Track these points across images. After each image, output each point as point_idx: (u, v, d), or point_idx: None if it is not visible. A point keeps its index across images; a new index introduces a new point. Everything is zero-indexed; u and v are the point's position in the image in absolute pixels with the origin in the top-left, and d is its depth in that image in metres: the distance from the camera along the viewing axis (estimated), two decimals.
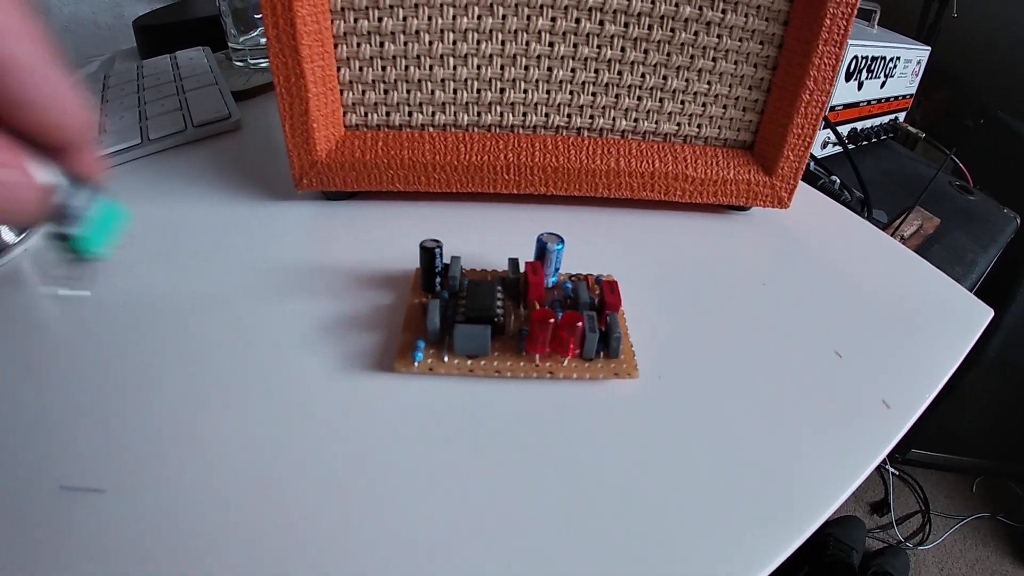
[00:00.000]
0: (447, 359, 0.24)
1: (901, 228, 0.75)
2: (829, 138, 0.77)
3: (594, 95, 0.32)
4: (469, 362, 0.24)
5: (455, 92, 0.31)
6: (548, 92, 0.31)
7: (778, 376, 0.26)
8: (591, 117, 0.32)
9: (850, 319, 0.30)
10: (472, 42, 0.30)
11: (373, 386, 0.24)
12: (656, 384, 0.25)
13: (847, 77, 0.75)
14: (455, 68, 0.30)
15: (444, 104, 0.31)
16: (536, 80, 0.31)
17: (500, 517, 0.20)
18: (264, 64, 0.52)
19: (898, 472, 1.05)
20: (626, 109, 0.32)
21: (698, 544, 0.20)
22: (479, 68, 0.30)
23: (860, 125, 0.81)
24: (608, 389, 0.24)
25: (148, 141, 0.39)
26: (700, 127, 0.33)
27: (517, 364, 0.24)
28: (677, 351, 0.26)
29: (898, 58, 0.79)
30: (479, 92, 0.31)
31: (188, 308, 0.27)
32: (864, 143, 0.83)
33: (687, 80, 0.32)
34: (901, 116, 0.87)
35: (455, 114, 0.32)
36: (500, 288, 0.26)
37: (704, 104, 0.33)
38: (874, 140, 0.84)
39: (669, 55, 0.31)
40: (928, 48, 0.82)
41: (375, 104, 0.31)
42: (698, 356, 0.26)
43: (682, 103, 0.32)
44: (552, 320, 0.23)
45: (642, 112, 0.32)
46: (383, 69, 0.30)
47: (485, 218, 0.33)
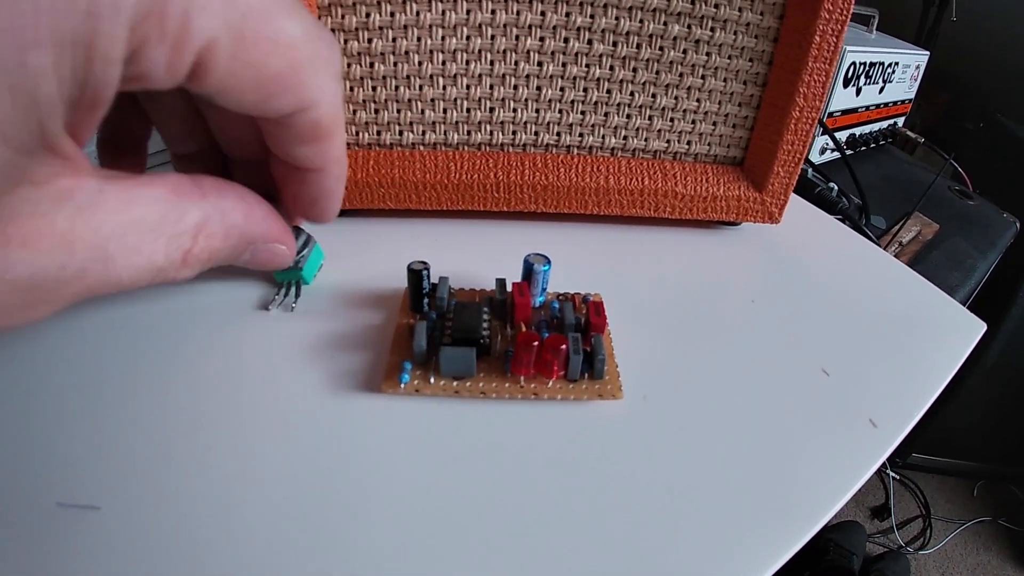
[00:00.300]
0: (433, 380, 0.24)
1: (900, 234, 0.75)
2: (827, 144, 0.77)
3: (583, 113, 0.32)
4: (455, 383, 0.24)
5: (445, 112, 0.31)
6: (537, 111, 0.32)
7: (764, 395, 0.26)
8: (580, 135, 0.33)
9: (839, 336, 0.30)
10: (461, 62, 0.30)
11: (360, 407, 0.24)
12: (641, 405, 0.25)
13: (845, 83, 0.75)
14: (445, 88, 0.31)
15: (434, 123, 0.32)
16: (525, 99, 0.31)
17: (486, 538, 0.20)
18: None
19: (899, 476, 1.05)
20: (615, 127, 0.33)
21: (683, 563, 0.20)
22: (468, 88, 0.31)
23: (859, 131, 0.81)
24: (593, 410, 0.24)
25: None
26: (690, 144, 0.34)
27: (502, 385, 0.24)
28: (663, 371, 0.27)
29: (896, 63, 0.79)
30: (469, 112, 0.31)
31: (178, 326, 0.27)
32: (863, 149, 0.83)
33: (676, 98, 0.32)
34: (900, 121, 0.87)
35: (445, 133, 0.32)
36: (487, 309, 0.26)
37: (694, 121, 0.33)
38: (873, 145, 0.84)
39: (658, 73, 0.31)
40: (927, 53, 0.82)
41: (366, 123, 0.32)
42: (684, 376, 0.27)
43: (671, 120, 0.33)
44: (536, 343, 0.23)
45: (631, 130, 0.33)
46: (373, 89, 0.31)
47: (475, 236, 0.34)
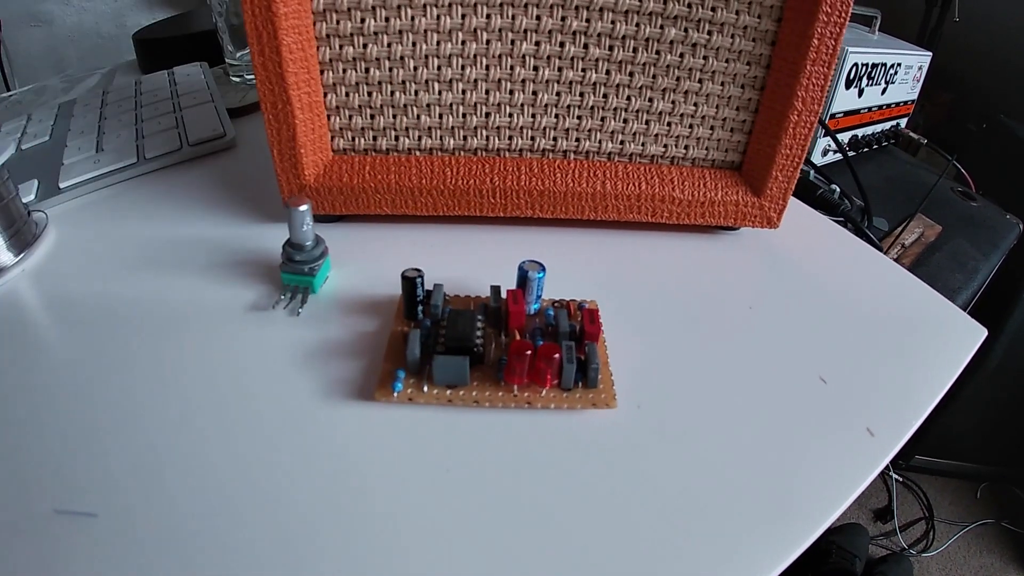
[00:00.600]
0: (427, 389, 0.24)
1: (902, 236, 0.75)
2: (829, 146, 0.77)
3: (580, 118, 0.32)
4: (448, 392, 0.24)
5: (441, 117, 0.31)
6: (534, 116, 0.31)
7: (760, 404, 0.26)
8: (577, 140, 0.33)
9: (837, 343, 0.30)
10: (457, 67, 0.30)
11: (353, 415, 0.24)
12: (635, 413, 0.25)
13: (847, 84, 0.75)
14: (440, 93, 0.30)
15: (430, 128, 0.32)
16: (521, 104, 0.31)
17: (479, 548, 0.20)
18: None
19: (902, 479, 1.04)
20: (612, 131, 0.32)
21: (678, 573, 0.20)
22: (464, 93, 0.31)
23: (861, 132, 0.81)
24: (586, 419, 0.24)
25: (144, 160, 0.40)
26: (687, 148, 0.33)
27: (496, 394, 0.24)
28: (658, 379, 0.27)
29: (899, 64, 0.79)
30: (464, 116, 0.31)
31: (176, 332, 0.27)
32: (865, 150, 0.83)
33: (673, 102, 0.32)
34: (903, 122, 0.87)
35: (441, 138, 0.32)
36: (481, 316, 0.26)
37: (691, 125, 0.33)
38: (875, 147, 0.84)
39: (655, 77, 0.31)
40: (929, 53, 0.82)
41: (362, 129, 0.32)
42: (679, 384, 0.27)
43: (668, 125, 0.33)
44: (529, 351, 0.23)
45: (628, 134, 0.33)
46: (369, 95, 0.31)
47: (472, 241, 0.33)
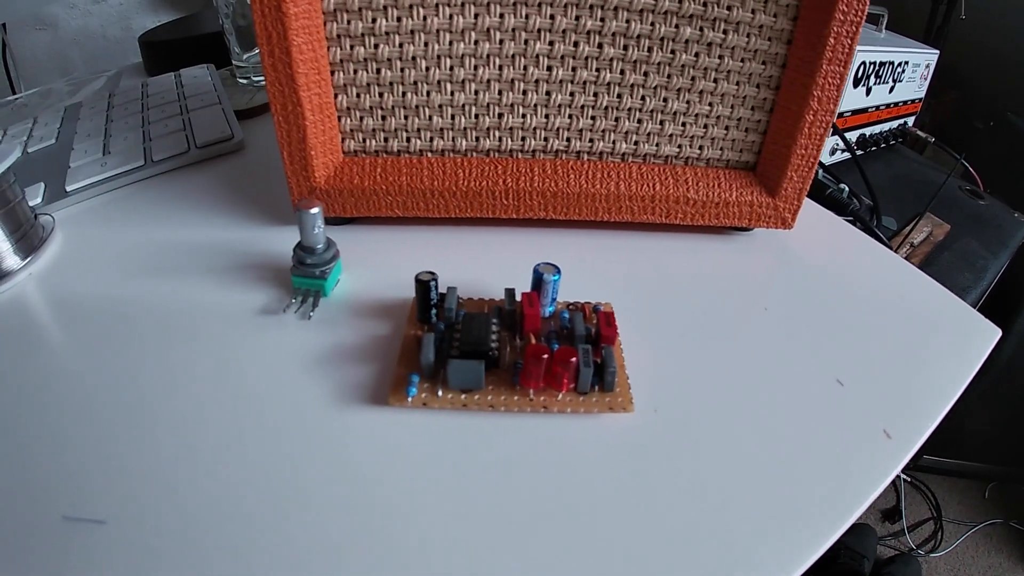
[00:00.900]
0: (441, 393, 0.24)
1: (911, 235, 0.74)
2: (837, 144, 0.76)
3: (593, 118, 0.32)
4: (463, 396, 0.24)
5: (453, 118, 0.31)
6: (547, 116, 0.31)
7: (777, 407, 0.26)
8: (590, 140, 0.32)
9: (853, 344, 0.30)
10: (469, 67, 0.30)
11: (367, 420, 0.24)
12: (652, 417, 0.24)
13: (855, 83, 0.74)
14: (452, 94, 0.30)
15: (442, 130, 0.31)
16: (534, 105, 0.31)
17: (495, 553, 0.20)
18: None
19: (910, 479, 1.04)
20: (626, 132, 0.32)
21: None
22: (476, 94, 0.30)
23: (869, 131, 0.80)
24: (603, 423, 0.24)
25: (151, 163, 0.39)
26: (702, 148, 0.33)
27: (511, 398, 0.24)
28: (675, 382, 0.26)
29: (906, 62, 0.79)
30: (477, 117, 0.31)
31: (185, 337, 0.27)
32: (873, 149, 0.82)
33: (688, 102, 0.32)
34: (910, 121, 0.86)
35: (453, 139, 0.32)
36: (496, 320, 0.26)
37: (705, 125, 0.32)
38: (883, 145, 0.83)
39: (669, 77, 0.31)
40: (936, 52, 0.81)
41: (373, 130, 0.31)
42: (696, 387, 0.26)
43: (683, 125, 0.32)
44: (545, 356, 0.23)
45: (642, 135, 0.32)
46: (380, 96, 0.30)
47: (485, 243, 0.33)
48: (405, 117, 0.31)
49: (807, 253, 0.36)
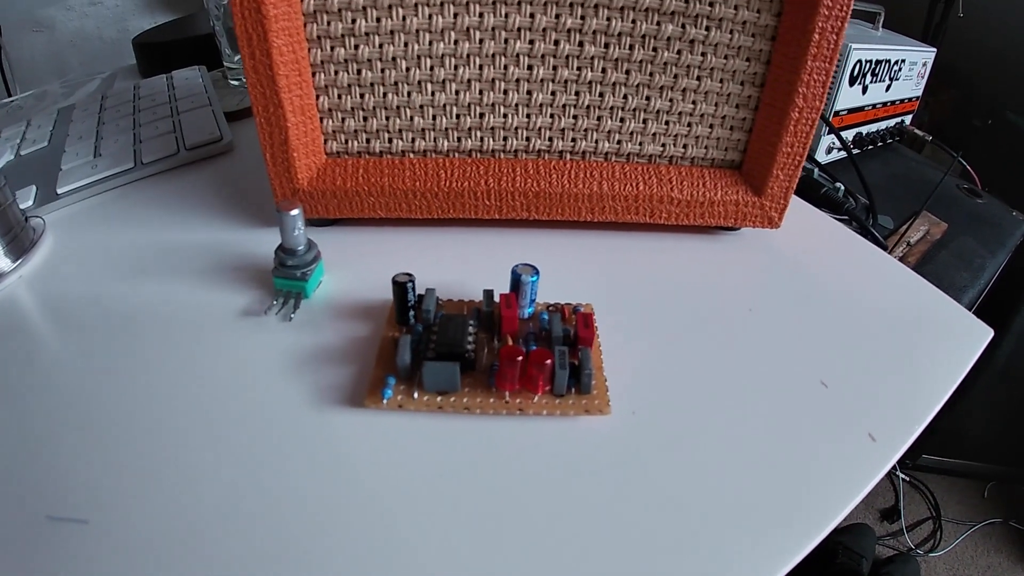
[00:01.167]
0: (417, 395, 0.24)
1: (908, 234, 0.74)
2: (834, 143, 0.76)
3: (575, 118, 0.31)
4: (439, 398, 0.23)
5: (434, 118, 0.31)
6: (528, 116, 0.31)
7: (759, 409, 0.26)
8: (573, 140, 0.32)
9: (840, 345, 0.29)
10: (449, 67, 0.29)
11: (343, 422, 0.24)
12: (630, 419, 0.24)
13: (851, 81, 0.74)
14: (433, 94, 0.30)
15: (424, 130, 0.31)
16: (516, 104, 0.31)
17: (470, 555, 0.20)
18: None
19: (908, 478, 1.04)
20: (609, 131, 0.32)
21: None
22: (457, 94, 0.30)
23: (865, 129, 0.80)
24: (580, 425, 0.24)
25: (141, 165, 0.39)
26: (686, 147, 0.33)
27: (487, 401, 0.23)
28: (655, 384, 0.26)
29: (903, 60, 0.78)
30: (458, 118, 0.31)
31: (169, 338, 0.27)
32: (870, 147, 0.82)
33: (671, 100, 0.31)
34: (907, 119, 0.86)
35: (435, 140, 0.31)
36: (474, 322, 0.26)
37: (689, 124, 0.32)
38: (880, 144, 0.83)
39: (652, 75, 0.31)
40: (934, 50, 0.81)
41: (355, 131, 0.31)
42: (677, 389, 0.26)
43: (666, 123, 0.32)
44: (520, 357, 0.23)
45: (625, 134, 0.32)
46: (361, 96, 0.30)
47: (467, 244, 0.33)
48: (386, 118, 0.31)
49: (795, 253, 0.35)
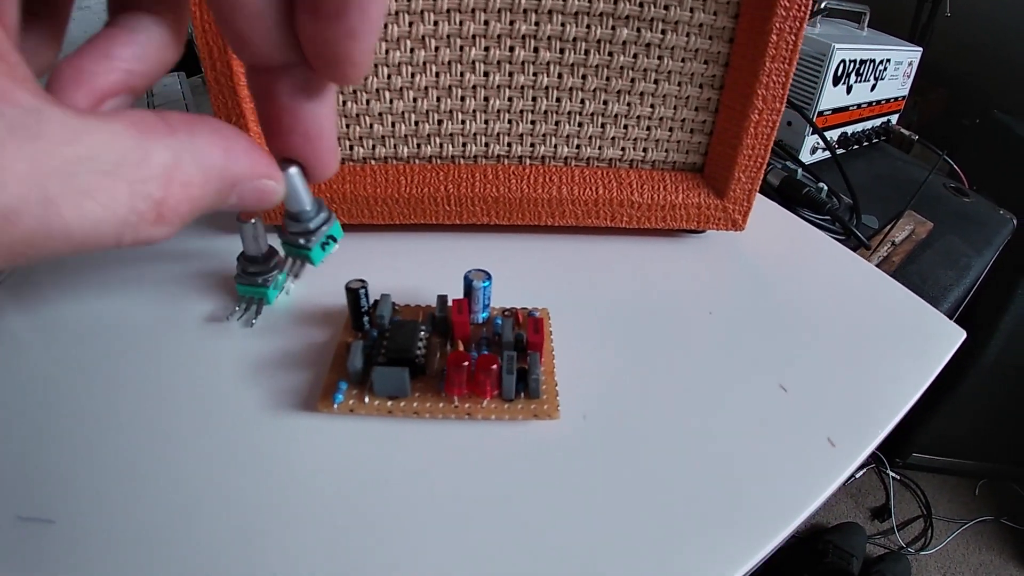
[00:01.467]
0: (368, 400, 0.24)
1: (892, 233, 0.74)
2: (818, 143, 0.76)
3: (533, 123, 0.32)
4: (389, 403, 0.24)
5: (393, 126, 0.31)
6: (486, 122, 0.31)
7: (715, 413, 0.26)
8: (532, 145, 0.32)
9: (801, 349, 0.29)
10: (406, 75, 0.30)
11: (297, 426, 0.24)
12: (580, 424, 0.24)
13: (835, 81, 0.74)
14: (391, 102, 0.30)
15: (383, 138, 0.31)
16: (473, 110, 0.31)
17: (417, 556, 0.20)
18: None
19: (899, 477, 1.03)
20: (567, 136, 0.32)
21: None
22: (416, 101, 0.30)
23: (851, 129, 0.80)
24: (528, 430, 0.24)
25: None
26: (646, 151, 0.33)
27: (436, 405, 0.24)
28: (609, 388, 0.26)
29: (888, 60, 0.78)
30: (417, 124, 0.31)
31: (133, 345, 0.27)
32: (855, 147, 0.82)
33: (629, 104, 0.32)
34: (894, 119, 0.86)
35: (395, 147, 0.32)
36: (427, 327, 0.26)
37: (648, 127, 0.32)
38: (866, 144, 0.83)
39: (608, 79, 0.31)
40: (919, 49, 0.80)
41: None
42: (631, 393, 0.26)
43: (625, 127, 0.32)
44: (466, 363, 0.23)
45: (584, 138, 0.32)
46: None
47: (428, 250, 0.33)
48: (346, 126, 0.31)
49: (761, 255, 0.36)
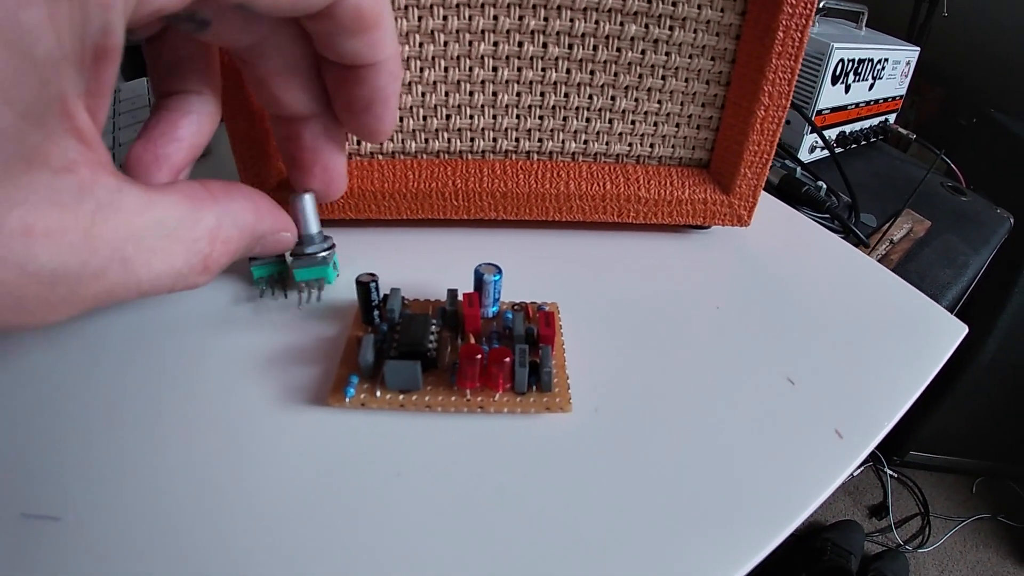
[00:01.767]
0: (379, 394, 0.24)
1: (890, 232, 0.74)
2: (817, 142, 0.76)
3: (541, 118, 0.32)
4: (400, 397, 0.24)
5: (400, 119, 0.31)
6: (494, 117, 0.31)
7: (724, 406, 0.26)
8: (539, 140, 0.32)
9: (808, 343, 0.29)
10: (415, 70, 0.30)
11: (307, 421, 0.24)
12: (592, 417, 0.24)
13: (833, 80, 0.74)
14: (399, 97, 0.30)
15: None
16: (481, 105, 0.31)
17: (430, 553, 0.20)
18: None
19: (897, 475, 1.04)
20: (575, 131, 0.32)
21: None
22: (423, 95, 0.30)
23: (849, 128, 0.80)
24: (541, 423, 0.24)
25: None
26: (653, 147, 0.33)
27: (448, 399, 0.24)
28: (619, 382, 0.26)
29: (886, 60, 0.79)
30: (425, 119, 0.31)
31: (138, 340, 0.27)
32: (854, 146, 0.82)
33: (636, 100, 0.32)
34: (892, 118, 0.86)
35: (403, 141, 0.32)
36: (438, 321, 0.26)
37: (655, 123, 0.32)
38: (864, 143, 0.83)
39: (616, 75, 0.31)
40: (917, 48, 0.81)
41: None
42: (641, 387, 0.26)
43: (632, 123, 0.32)
44: (479, 356, 0.23)
45: (591, 134, 0.32)
46: None
47: (435, 245, 0.33)
48: None
49: (766, 251, 0.36)
